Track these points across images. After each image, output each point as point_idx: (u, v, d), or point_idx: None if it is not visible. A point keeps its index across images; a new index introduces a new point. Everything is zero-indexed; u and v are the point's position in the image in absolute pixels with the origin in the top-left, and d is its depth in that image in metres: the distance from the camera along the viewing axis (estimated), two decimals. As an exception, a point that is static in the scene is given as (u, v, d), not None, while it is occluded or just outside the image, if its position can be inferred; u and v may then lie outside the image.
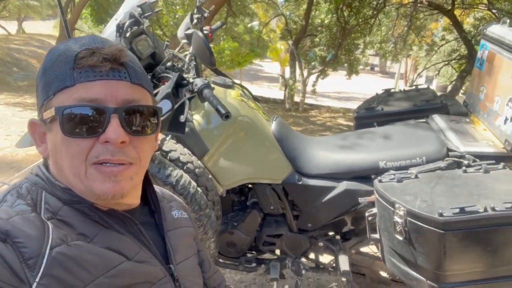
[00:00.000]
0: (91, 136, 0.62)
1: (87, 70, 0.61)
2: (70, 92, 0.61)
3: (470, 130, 1.73)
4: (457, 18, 7.20)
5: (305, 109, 7.57)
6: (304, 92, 7.35)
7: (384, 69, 24.78)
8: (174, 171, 1.39)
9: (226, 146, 1.63)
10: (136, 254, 0.67)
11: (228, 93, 1.66)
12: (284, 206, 1.80)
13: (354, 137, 1.85)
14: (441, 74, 10.21)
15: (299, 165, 1.74)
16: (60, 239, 0.59)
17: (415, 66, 15.40)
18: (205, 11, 1.77)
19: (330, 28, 8.23)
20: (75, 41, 0.65)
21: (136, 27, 1.56)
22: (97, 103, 0.61)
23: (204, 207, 1.44)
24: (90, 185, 0.63)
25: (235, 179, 1.68)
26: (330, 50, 8.38)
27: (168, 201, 0.87)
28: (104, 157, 0.62)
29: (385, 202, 1.42)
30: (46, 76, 0.64)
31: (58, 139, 0.63)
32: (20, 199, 0.63)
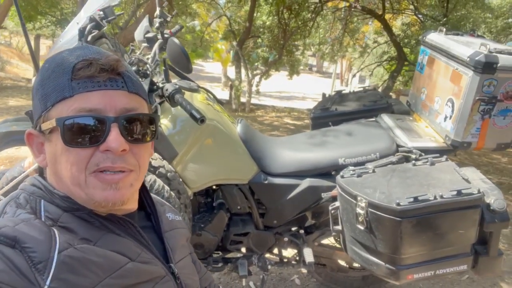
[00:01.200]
0: (92, 146, 0.63)
1: (85, 81, 0.63)
2: (69, 103, 0.63)
3: (414, 127, 1.93)
4: (387, 22, 7.76)
5: (252, 109, 7.70)
6: (250, 93, 7.48)
7: (321, 69, 25.86)
8: (147, 176, 1.39)
9: (194, 150, 1.65)
10: (138, 255, 0.70)
11: (195, 97, 1.69)
12: (251, 205, 1.86)
13: (314, 136, 1.96)
14: (374, 74, 10.91)
15: (265, 165, 1.82)
16: (67, 243, 0.61)
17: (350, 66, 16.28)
18: (167, 15, 1.78)
19: (272, 30, 8.44)
20: (70, 53, 0.66)
21: (96, 31, 1.54)
22: (97, 113, 0.63)
23: (178, 211, 1.46)
24: (91, 193, 0.64)
25: (203, 181, 1.71)
26: (272, 51, 8.59)
27: (161, 204, 0.90)
28: (104, 165, 0.64)
29: (347, 195, 1.55)
30: (43, 88, 0.65)
31: (58, 149, 0.64)
32: (20, 209, 0.64)
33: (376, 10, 8.27)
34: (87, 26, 1.51)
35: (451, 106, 1.72)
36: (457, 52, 1.68)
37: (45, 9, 9.49)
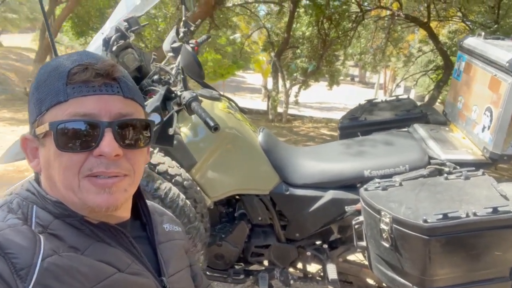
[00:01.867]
0: (85, 150, 0.62)
1: (80, 86, 0.62)
2: (64, 107, 0.62)
3: (449, 138, 1.80)
4: (433, 30, 7.45)
5: (288, 120, 7.65)
6: (287, 103, 7.43)
7: (364, 79, 25.30)
8: (163, 184, 1.39)
9: (213, 158, 1.64)
10: (128, 266, 0.67)
11: (215, 106, 1.68)
12: (272, 217, 1.81)
13: (339, 146, 1.88)
14: (419, 84, 10.50)
15: (286, 175, 1.76)
16: (52, 250, 0.60)
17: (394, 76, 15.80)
18: (191, 25, 1.79)
19: (311, 40, 8.39)
20: (67, 58, 0.66)
21: (122, 41, 1.57)
22: (91, 118, 0.62)
23: (193, 219, 1.44)
24: (84, 197, 0.63)
25: (223, 190, 1.69)
26: (311, 62, 8.53)
27: (160, 214, 0.88)
28: (98, 170, 0.63)
29: (371, 210, 1.46)
30: (39, 92, 0.64)
31: (52, 153, 0.63)
32: (11, 214, 0.63)
33: (420, 18, 7.98)
34: (112, 36, 1.55)
35: (490, 115, 1.58)
36: (495, 57, 1.55)
37: (96, 24, 10.07)
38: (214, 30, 8.62)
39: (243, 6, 8.12)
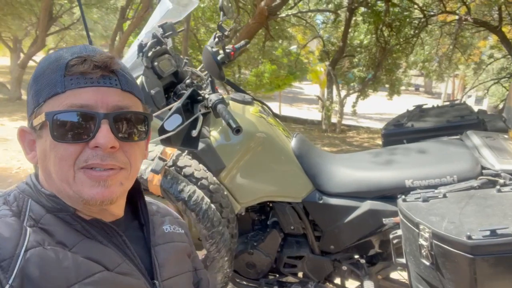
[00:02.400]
0: (80, 141, 0.62)
1: (78, 77, 0.62)
2: (61, 98, 0.62)
3: (507, 146, 1.59)
4: (505, 34, 6.84)
5: (343, 130, 7.42)
6: (341, 113, 7.22)
7: (429, 89, 23.90)
8: (187, 186, 1.38)
9: (243, 163, 1.60)
10: (117, 265, 0.66)
11: (247, 109, 1.65)
12: (305, 226, 1.73)
13: (380, 154, 1.76)
14: (491, 93, 9.66)
15: (320, 183, 1.67)
16: (37, 242, 0.59)
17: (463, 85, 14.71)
18: (225, 29, 1.79)
19: (370, 49, 8.12)
20: (67, 50, 0.66)
21: (158, 47, 1.61)
22: (88, 109, 0.62)
23: (217, 224, 1.41)
24: (79, 189, 0.63)
25: (252, 197, 1.64)
26: (369, 71, 8.24)
27: (162, 215, 0.85)
28: (93, 161, 0.62)
29: (409, 223, 1.32)
30: (37, 84, 0.65)
31: (48, 144, 0.63)
32: (5, 206, 0.64)
33: (491, 22, 7.38)
34: (148, 42, 1.59)
35: (555, 120, 1.37)
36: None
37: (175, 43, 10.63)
38: (269, 42, 8.70)
39: (298, 16, 8.10)
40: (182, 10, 1.72)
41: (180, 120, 1.23)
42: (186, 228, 0.90)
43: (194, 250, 0.93)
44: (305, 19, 8.25)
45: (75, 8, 10.15)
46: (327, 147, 6.08)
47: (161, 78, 1.62)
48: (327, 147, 6.08)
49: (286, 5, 7.36)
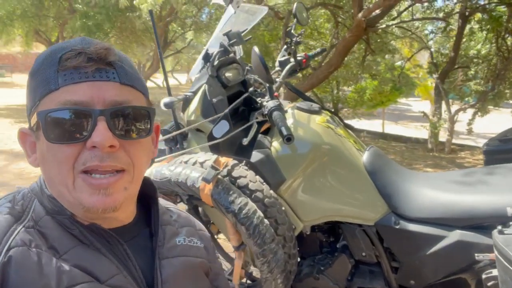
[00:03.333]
0: (76, 141, 0.57)
1: (71, 72, 0.58)
2: (55, 96, 0.58)
3: None
4: None
5: (453, 150, 6.57)
6: (451, 131, 6.42)
7: None
8: (239, 198, 1.30)
9: (306, 177, 1.46)
10: (111, 277, 0.60)
11: (312, 119, 1.52)
12: (379, 254, 1.50)
13: (475, 174, 1.45)
14: None
15: (397, 205, 1.44)
16: (23, 241, 0.56)
17: None
18: (294, 35, 1.69)
19: (489, 59, 7.15)
20: (62, 44, 0.63)
21: (226, 56, 1.59)
22: (83, 106, 0.57)
23: (269, 241, 1.29)
24: (78, 196, 0.59)
25: (316, 215, 1.49)
26: (489, 84, 7.23)
27: (180, 225, 0.77)
28: (91, 163, 0.57)
29: (506, 262, 1.03)
30: (32, 82, 0.61)
31: (45, 146, 0.59)
32: (9, 203, 0.62)
33: None
34: (214, 51, 1.58)
35: None
36: None
37: (261, 59, 11.00)
38: (370, 56, 8.29)
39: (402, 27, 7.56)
40: (251, 18, 1.68)
41: (227, 126, 1.16)
42: (207, 242, 0.81)
43: (216, 267, 0.83)
44: (410, 29, 7.65)
45: (187, 33, 11.13)
46: (431, 168, 5.43)
47: (227, 87, 1.59)
48: (430, 168, 5.43)
49: (389, 15, 6.95)
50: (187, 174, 1.35)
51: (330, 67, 5.92)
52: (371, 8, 5.01)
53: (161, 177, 1.39)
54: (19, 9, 7.74)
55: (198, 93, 1.57)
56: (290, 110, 1.55)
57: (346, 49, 5.79)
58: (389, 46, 8.29)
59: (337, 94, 9.75)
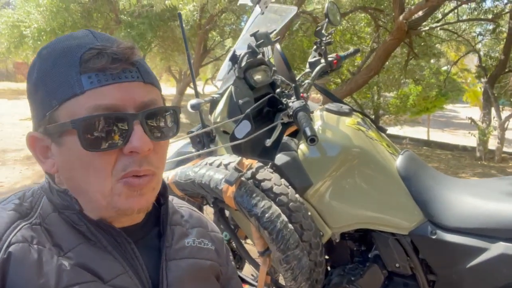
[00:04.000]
0: (114, 148, 0.56)
1: (96, 74, 0.55)
2: (81, 100, 0.55)
3: None
4: None
5: (504, 159, 6.14)
6: (502, 139, 6.01)
7: None
8: (262, 201, 1.25)
9: (334, 181, 1.40)
10: (115, 276, 0.59)
11: (342, 121, 1.45)
12: (414, 266, 1.40)
13: (523, 182, 1.31)
14: None
15: (434, 213, 1.33)
16: (24, 238, 0.56)
17: None
18: (324, 34, 1.64)
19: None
20: (72, 39, 0.58)
21: (254, 57, 1.57)
22: (115, 110, 0.55)
23: (293, 247, 1.24)
24: (115, 201, 0.57)
25: (345, 222, 1.41)
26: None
27: (191, 226, 0.75)
28: (132, 168, 0.56)
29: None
30: (45, 84, 0.57)
31: (75, 154, 0.56)
32: (18, 200, 0.61)
33: None
34: (241, 53, 1.57)
35: None
36: None
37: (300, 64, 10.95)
38: (414, 60, 8.00)
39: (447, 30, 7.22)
40: (280, 19, 1.65)
41: (249, 127, 1.13)
42: (219, 244, 0.78)
43: (229, 271, 0.80)
44: (456, 32, 7.29)
45: (226, 41, 11.32)
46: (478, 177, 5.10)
47: (255, 89, 1.57)
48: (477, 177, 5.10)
49: (433, 17, 6.68)
50: (210, 175, 1.33)
51: (370, 72, 5.77)
52: (413, 10, 4.84)
53: (186, 179, 1.38)
54: (69, 21, 8.22)
55: (225, 95, 1.56)
56: (319, 111, 1.50)
57: (387, 53, 5.61)
58: (433, 50, 7.98)
59: (378, 100, 9.48)
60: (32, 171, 4.98)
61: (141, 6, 6.58)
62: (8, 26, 8.77)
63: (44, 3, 7.89)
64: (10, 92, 15.85)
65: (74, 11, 8.38)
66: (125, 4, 5.87)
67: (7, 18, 8.92)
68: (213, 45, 11.27)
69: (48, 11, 7.90)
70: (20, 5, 8.98)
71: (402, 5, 5.21)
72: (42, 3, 7.91)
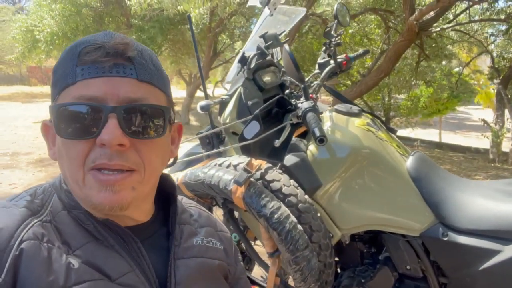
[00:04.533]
0: (87, 138, 0.56)
1: (89, 66, 0.57)
2: (71, 90, 0.57)
3: None
4: None
5: (518, 162, 6.06)
6: (515, 140, 5.93)
7: None
8: (271, 202, 1.25)
9: (343, 182, 1.39)
10: (122, 275, 0.59)
11: (351, 122, 1.44)
12: (426, 268, 1.38)
13: (537, 183, 1.29)
14: None
15: (445, 215, 1.32)
16: (35, 235, 0.56)
17: None
18: (333, 35, 1.63)
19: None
20: (88, 37, 0.61)
21: (263, 59, 1.57)
22: (96, 102, 0.56)
23: (302, 248, 1.23)
24: (88, 193, 0.58)
25: (355, 223, 1.40)
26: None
27: (200, 225, 0.76)
28: (100, 161, 0.56)
29: None
30: (54, 75, 0.61)
31: (60, 141, 0.59)
32: (29, 197, 0.62)
33: None
34: (251, 54, 1.57)
35: None
36: None
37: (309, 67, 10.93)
38: (425, 62, 7.92)
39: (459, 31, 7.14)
40: (289, 20, 1.65)
41: (258, 127, 1.13)
42: (227, 244, 0.78)
43: (237, 270, 0.80)
44: (468, 33, 7.20)
45: (236, 44, 11.35)
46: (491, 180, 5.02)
47: (264, 90, 1.57)
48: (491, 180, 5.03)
49: (444, 18, 6.61)
50: (219, 176, 1.33)
51: (380, 73, 5.72)
52: (424, 10, 4.79)
53: (195, 179, 1.39)
54: (82, 25, 8.34)
55: (234, 96, 1.57)
56: (328, 112, 1.50)
57: (397, 54, 5.56)
58: (445, 51, 7.88)
59: (389, 102, 9.41)
60: (45, 173, 5.05)
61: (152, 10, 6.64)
62: (22, 31, 8.93)
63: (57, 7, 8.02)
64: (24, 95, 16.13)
65: (86, 16, 8.50)
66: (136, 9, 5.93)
67: (21, 23, 9.08)
68: (223, 48, 11.31)
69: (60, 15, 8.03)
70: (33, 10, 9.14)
71: (413, 6, 5.17)
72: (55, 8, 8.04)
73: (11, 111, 11.17)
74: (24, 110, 11.51)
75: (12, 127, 8.55)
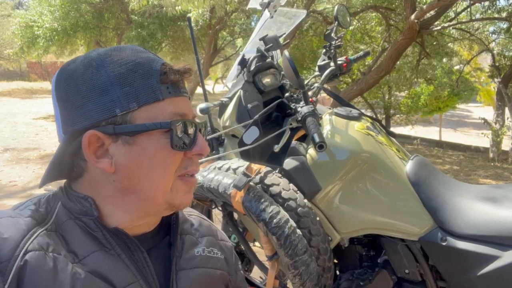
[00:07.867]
0: (188, 149, 0.64)
1: (172, 86, 0.63)
2: (162, 106, 0.62)
3: None
4: None
5: (519, 160, 6.05)
6: (516, 139, 5.92)
7: None
8: (270, 206, 1.25)
9: (343, 186, 1.39)
10: (128, 284, 0.60)
11: (351, 125, 1.44)
12: (424, 273, 1.38)
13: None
14: None
15: (444, 219, 1.32)
16: (40, 245, 0.56)
17: None
18: (333, 38, 1.63)
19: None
20: (137, 52, 0.64)
21: (263, 61, 1.56)
22: (186, 118, 0.64)
23: (301, 252, 1.24)
24: (173, 197, 0.64)
25: (354, 227, 1.40)
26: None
27: (201, 235, 0.76)
28: (192, 168, 0.66)
29: None
30: (124, 86, 0.60)
31: (148, 152, 0.60)
32: (34, 206, 0.62)
33: None
34: (250, 57, 1.57)
35: None
36: None
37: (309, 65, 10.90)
38: (426, 60, 7.90)
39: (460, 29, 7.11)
40: (289, 22, 1.64)
41: (257, 132, 1.13)
42: (228, 253, 0.79)
43: (238, 279, 0.80)
44: (469, 31, 7.17)
45: (236, 40, 11.33)
46: (491, 179, 5.02)
47: (264, 93, 1.56)
48: (490, 179, 5.02)
49: (445, 17, 6.58)
50: (219, 180, 1.33)
51: (381, 72, 5.71)
52: (425, 9, 4.77)
53: (194, 183, 1.39)
54: (81, 21, 8.31)
55: (234, 99, 1.56)
56: (327, 116, 1.49)
57: (398, 52, 5.55)
58: (446, 49, 7.86)
59: (389, 100, 9.39)
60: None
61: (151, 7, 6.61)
62: (21, 26, 8.91)
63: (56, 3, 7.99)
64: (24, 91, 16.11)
65: (86, 12, 8.47)
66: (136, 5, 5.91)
67: (20, 18, 9.05)
68: (223, 44, 11.27)
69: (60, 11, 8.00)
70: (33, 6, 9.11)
71: (414, 4, 5.14)
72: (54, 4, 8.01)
73: (11, 107, 11.16)
74: (24, 106, 11.50)
75: (12, 123, 8.54)
